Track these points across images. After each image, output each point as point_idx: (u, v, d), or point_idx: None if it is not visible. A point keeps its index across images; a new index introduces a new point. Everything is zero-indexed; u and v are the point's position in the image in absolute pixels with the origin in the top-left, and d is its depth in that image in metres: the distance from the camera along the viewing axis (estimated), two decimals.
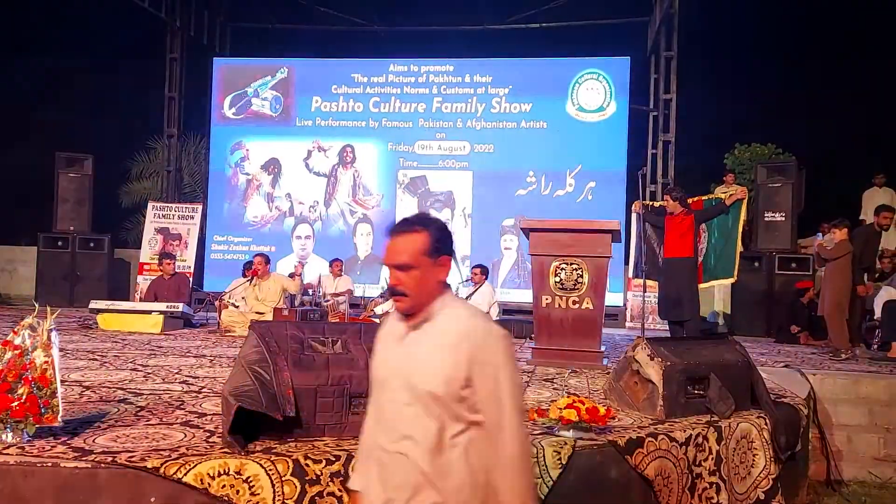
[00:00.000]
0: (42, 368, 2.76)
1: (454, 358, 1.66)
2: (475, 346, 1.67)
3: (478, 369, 1.66)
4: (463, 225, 11.85)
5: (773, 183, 9.93)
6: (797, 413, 4.27)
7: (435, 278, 1.78)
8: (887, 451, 5.04)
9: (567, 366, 5.50)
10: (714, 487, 3.42)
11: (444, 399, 1.66)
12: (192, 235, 11.72)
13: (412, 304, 1.76)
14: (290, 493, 2.52)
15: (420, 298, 1.76)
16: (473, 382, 1.65)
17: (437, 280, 1.79)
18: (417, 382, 1.68)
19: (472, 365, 1.65)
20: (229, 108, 12.57)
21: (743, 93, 14.04)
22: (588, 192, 11.50)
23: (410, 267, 1.75)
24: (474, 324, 1.71)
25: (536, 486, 1.49)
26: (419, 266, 1.75)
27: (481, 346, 1.67)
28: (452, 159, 11.96)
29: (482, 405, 1.67)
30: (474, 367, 1.65)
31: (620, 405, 3.87)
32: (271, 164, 12.44)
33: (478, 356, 1.66)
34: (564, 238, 5.67)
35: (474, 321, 1.73)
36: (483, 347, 1.67)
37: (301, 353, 3.01)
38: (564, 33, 13.13)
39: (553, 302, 5.66)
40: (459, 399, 1.66)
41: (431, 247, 1.77)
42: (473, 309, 1.81)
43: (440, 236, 1.80)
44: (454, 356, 1.66)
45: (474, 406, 1.67)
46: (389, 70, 12.26)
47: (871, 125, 13.67)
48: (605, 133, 11.50)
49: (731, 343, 4.20)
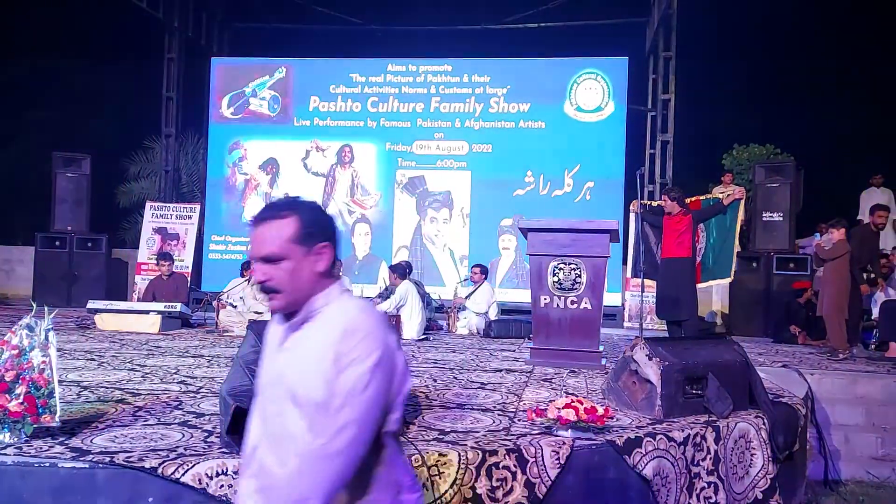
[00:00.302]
0: (40, 368, 2.76)
1: (335, 358, 1.47)
2: (347, 345, 1.47)
3: (342, 367, 1.46)
4: (461, 225, 11.86)
5: (771, 183, 9.94)
6: (795, 413, 4.27)
7: (311, 270, 1.56)
8: (885, 450, 5.05)
9: (565, 366, 5.50)
10: (712, 487, 3.43)
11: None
12: (189, 235, 11.71)
13: (287, 302, 1.56)
14: None
15: (295, 294, 1.56)
16: (336, 379, 1.45)
17: (313, 272, 1.56)
18: (299, 390, 1.50)
19: (339, 363, 1.46)
20: (227, 108, 12.56)
21: (741, 93, 14.07)
22: (586, 192, 11.51)
23: (279, 258, 1.54)
24: (360, 320, 1.51)
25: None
26: (289, 256, 1.54)
27: (354, 344, 1.47)
28: (451, 159, 11.96)
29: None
30: (340, 364, 1.46)
31: (619, 405, 3.87)
32: (269, 163, 12.44)
33: (348, 355, 1.46)
34: (562, 238, 5.67)
35: (361, 317, 1.52)
36: (356, 346, 1.47)
37: None
38: (562, 33, 13.14)
39: (551, 302, 5.66)
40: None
41: (302, 233, 1.55)
42: (363, 304, 1.59)
43: (313, 220, 1.58)
44: (335, 356, 1.47)
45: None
46: (387, 70, 12.26)
47: (870, 126, 13.69)
48: (603, 133, 11.51)
49: (729, 343, 4.21)
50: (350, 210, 12.19)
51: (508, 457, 2.82)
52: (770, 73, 14.62)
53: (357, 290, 10.26)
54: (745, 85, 14.18)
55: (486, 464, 2.78)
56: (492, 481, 2.77)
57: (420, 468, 2.68)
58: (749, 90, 14.35)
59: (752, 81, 14.46)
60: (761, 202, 9.82)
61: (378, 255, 11.95)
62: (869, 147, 13.00)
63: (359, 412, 1.46)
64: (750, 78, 14.35)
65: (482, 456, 2.78)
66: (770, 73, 14.63)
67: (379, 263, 11.83)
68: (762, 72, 14.53)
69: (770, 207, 9.70)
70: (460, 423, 3.31)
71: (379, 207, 12.13)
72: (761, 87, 14.68)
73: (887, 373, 5.83)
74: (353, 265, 11.82)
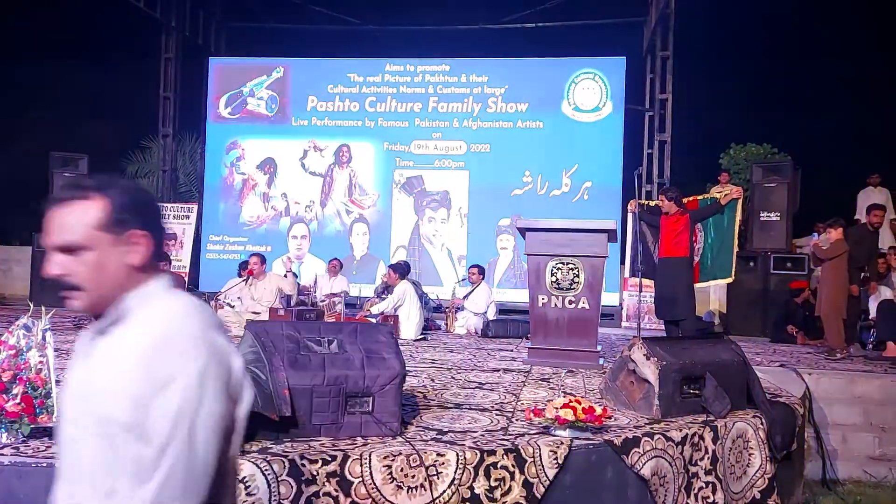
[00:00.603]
0: (37, 368, 2.75)
1: (148, 371, 1.19)
2: (162, 356, 1.20)
3: (160, 386, 1.18)
4: (459, 225, 11.86)
5: (768, 183, 9.96)
6: (793, 413, 4.28)
7: (120, 262, 1.29)
8: (882, 450, 5.06)
9: (563, 365, 5.50)
10: (710, 487, 3.43)
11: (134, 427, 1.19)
12: (187, 235, 11.70)
13: (90, 302, 1.29)
14: (286, 493, 2.51)
15: (100, 292, 1.29)
16: (152, 402, 1.18)
17: (124, 265, 1.30)
18: (104, 411, 1.21)
19: (155, 379, 1.19)
20: (225, 108, 12.56)
21: (739, 93, 14.09)
22: (584, 191, 11.52)
23: (80, 248, 1.27)
24: (179, 324, 1.25)
25: None
26: (93, 246, 1.27)
27: (173, 355, 1.20)
28: (449, 159, 11.96)
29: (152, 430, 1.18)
30: (157, 381, 1.18)
31: (616, 405, 3.87)
32: (267, 163, 12.43)
33: (164, 369, 1.19)
34: (560, 238, 5.67)
35: (182, 320, 1.26)
36: (175, 358, 1.20)
37: (297, 353, 3.00)
38: (560, 33, 13.15)
39: (549, 302, 5.66)
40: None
41: (111, 218, 1.28)
42: (187, 303, 1.32)
43: (127, 203, 1.31)
44: (148, 369, 1.19)
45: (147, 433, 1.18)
46: (385, 70, 12.27)
47: (867, 125, 13.72)
48: (601, 133, 11.52)
49: (727, 343, 4.21)
50: (348, 210, 12.18)
51: (506, 457, 2.82)
52: (767, 72, 14.65)
53: (355, 290, 10.25)
54: (742, 85, 14.21)
55: (485, 464, 2.78)
56: (490, 481, 2.77)
57: (418, 468, 2.68)
58: (747, 90, 14.38)
59: (749, 81, 14.50)
60: (758, 202, 9.83)
61: (376, 255, 11.95)
62: (866, 147, 13.03)
63: (193, 445, 1.18)
64: (747, 78, 14.39)
65: (480, 456, 2.78)
66: (767, 73, 14.66)
67: (377, 263, 11.83)
68: (760, 72, 14.57)
69: (767, 207, 9.72)
70: (458, 423, 3.31)
71: (377, 207, 12.13)
72: (759, 87, 14.72)
73: (885, 372, 5.84)
74: (351, 265, 11.81)
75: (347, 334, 3.19)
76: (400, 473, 2.66)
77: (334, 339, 3.13)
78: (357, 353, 3.07)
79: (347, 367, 2.99)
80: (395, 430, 2.97)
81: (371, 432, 2.94)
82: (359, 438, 2.90)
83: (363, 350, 3.09)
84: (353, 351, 3.08)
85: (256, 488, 2.49)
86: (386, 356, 3.10)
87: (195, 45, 13.43)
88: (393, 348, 3.17)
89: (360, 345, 3.12)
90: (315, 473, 2.57)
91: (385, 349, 3.14)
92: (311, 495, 2.55)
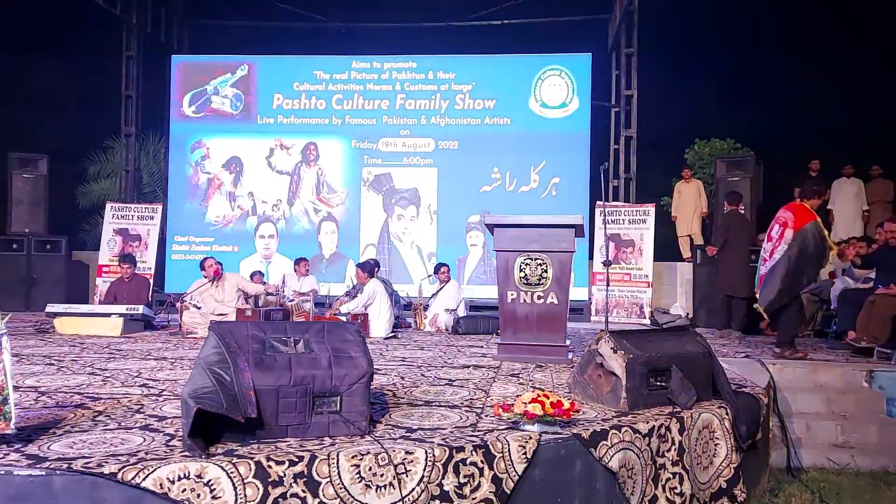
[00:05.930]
0: None
1: None
2: None
3: None
4: (428, 222, 11.85)
5: (732, 177, 10.13)
6: (757, 402, 4.35)
7: None
8: (844, 437, 5.17)
9: (532, 360, 5.53)
10: (677, 478, 3.47)
11: None
12: (152, 236, 11.53)
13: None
14: (252, 496, 2.48)
15: None
16: None
17: None
18: None
19: None
20: (189, 107, 12.37)
21: (703, 88, 14.22)
22: (552, 187, 11.59)
23: None
24: None
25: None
26: None
27: None
28: (417, 156, 11.94)
29: None
30: None
31: (585, 398, 3.90)
32: (233, 162, 12.28)
33: None
34: (529, 233, 5.69)
35: None
36: None
37: (262, 353, 2.97)
38: (526, 30, 13.18)
39: (518, 297, 5.68)
40: None
41: None
42: None
43: None
44: None
45: None
46: (352, 67, 12.19)
47: (830, 120, 13.96)
48: (568, 129, 11.60)
49: (692, 335, 4.26)
50: (316, 209, 12.09)
51: (475, 453, 2.82)
52: (731, 68, 14.81)
53: (324, 289, 10.19)
54: (706, 80, 14.33)
55: (454, 460, 2.77)
56: (459, 477, 2.77)
57: (386, 466, 2.67)
58: (711, 85, 14.51)
59: (713, 77, 14.64)
60: (722, 196, 9.96)
61: (345, 254, 11.89)
62: (829, 141, 13.25)
63: None
64: (711, 73, 14.52)
65: (449, 452, 2.78)
66: (731, 69, 14.82)
67: (346, 262, 11.77)
68: (723, 67, 14.72)
69: (732, 201, 9.83)
70: (427, 421, 3.30)
71: (345, 205, 12.06)
72: (722, 83, 14.87)
73: (846, 361, 5.97)
74: (320, 264, 11.73)
75: (314, 333, 3.15)
76: (368, 472, 2.65)
77: (301, 339, 3.10)
78: (324, 352, 3.04)
79: (314, 367, 2.96)
80: (363, 430, 2.95)
81: (339, 432, 2.92)
82: (326, 438, 2.87)
83: (330, 349, 3.06)
84: (320, 350, 3.05)
85: (222, 491, 2.46)
86: (353, 355, 3.07)
87: (157, 42, 13.19)
88: (360, 347, 3.14)
89: (328, 344, 3.09)
90: (282, 475, 2.54)
91: (352, 347, 3.12)
92: (278, 497, 2.52)
